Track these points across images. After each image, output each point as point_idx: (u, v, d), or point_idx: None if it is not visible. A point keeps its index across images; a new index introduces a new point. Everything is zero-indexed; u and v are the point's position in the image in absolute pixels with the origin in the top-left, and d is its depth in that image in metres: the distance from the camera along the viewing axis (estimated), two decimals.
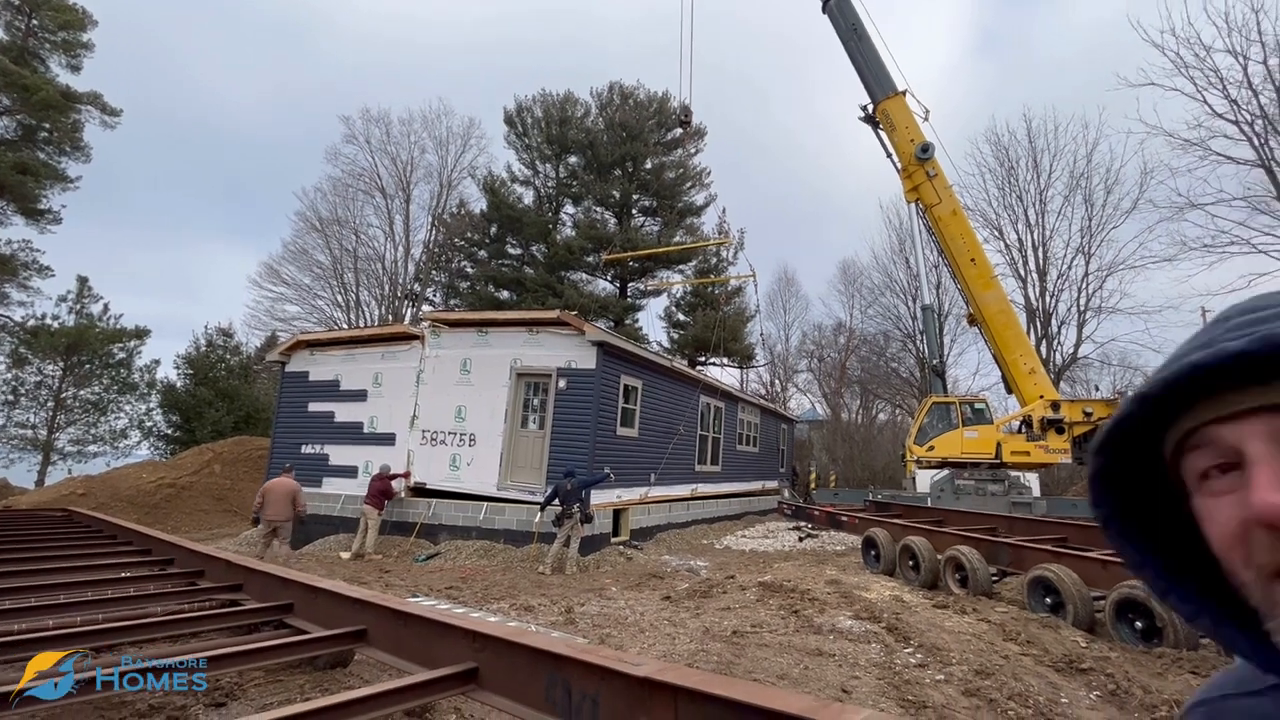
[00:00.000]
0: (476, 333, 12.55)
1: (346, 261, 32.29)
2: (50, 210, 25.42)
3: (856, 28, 16.89)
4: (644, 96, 32.60)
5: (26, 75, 23.62)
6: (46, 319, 24.85)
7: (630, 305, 32.05)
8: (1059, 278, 26.64)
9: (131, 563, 6.51)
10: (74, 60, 25.92)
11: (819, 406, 39.55)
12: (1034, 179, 27.07)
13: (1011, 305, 17.66)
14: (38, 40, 25.21)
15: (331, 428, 13.76)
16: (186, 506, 17.98)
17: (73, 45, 25.74)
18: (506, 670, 2.91)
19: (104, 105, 25.94)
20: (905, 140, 16.43)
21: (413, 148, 33.40)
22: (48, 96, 24.04)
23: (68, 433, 25.29)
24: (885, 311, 33.10)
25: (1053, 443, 14.87)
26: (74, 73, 25.95)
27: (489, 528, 11.34)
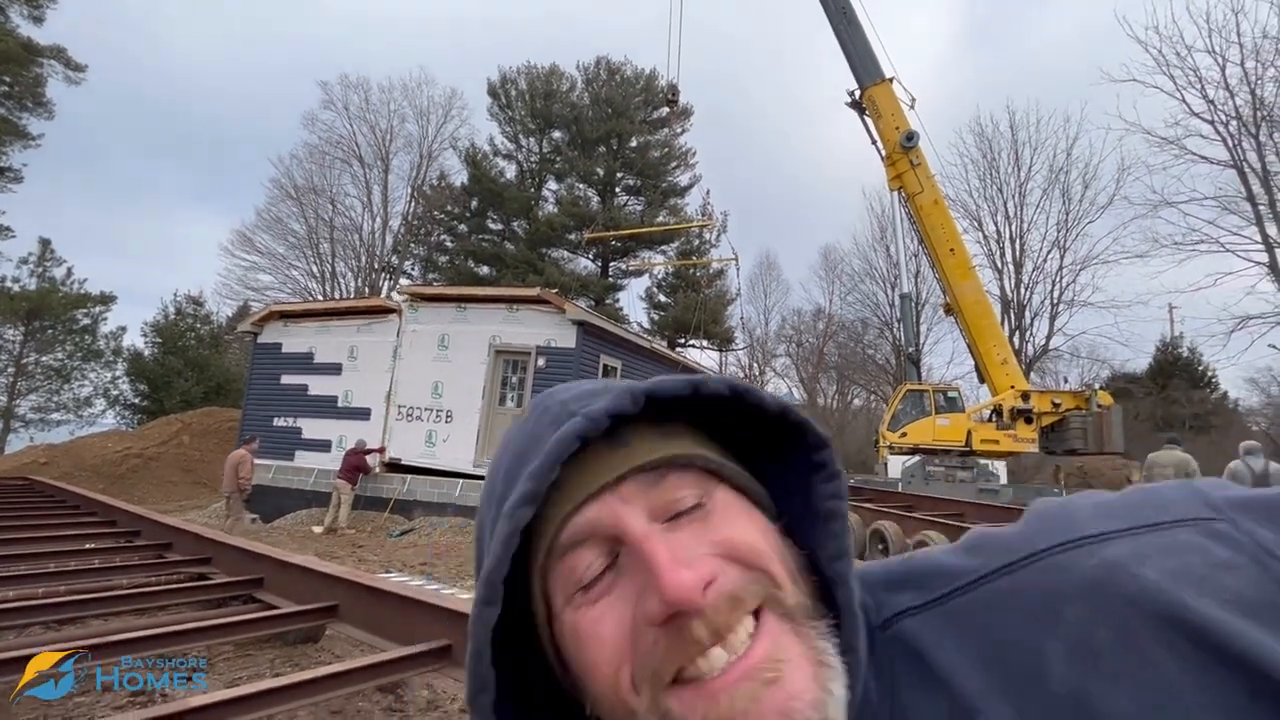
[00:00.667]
0: (455, 308, 12.40)
1: (322, 231, 31.61)
2: (10, 169, 24.38)
3: (846, 11, 16.77)
4: (631, 73, 32.18)
5: None
6: (6, 281, 23.98)
7: (611, 285, 31.94)
8: (1034, 270, 27.13)
9: (96, 534, 6.39)
10: (35, 12, 24.66)
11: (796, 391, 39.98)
12: (1015, 171, 27.39)
13: (988, 296, 17.94)
14: None
15: (305, 401, 13.55)
16: (154, 478, 17.65)
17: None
18: None
19: (68, 60, 24.80)
20: (890, 128, 16.45)
21: (392, 116, 32.64)
22: (8, 49, 22.93)
23: (29, 399, 24.56)
24: (864, 298, 33.44)
25: (1021, 432, 15.23)
26: (36, 24, 24.70)
27: (464, 504, 11.32)
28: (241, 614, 3.96)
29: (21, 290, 23.87)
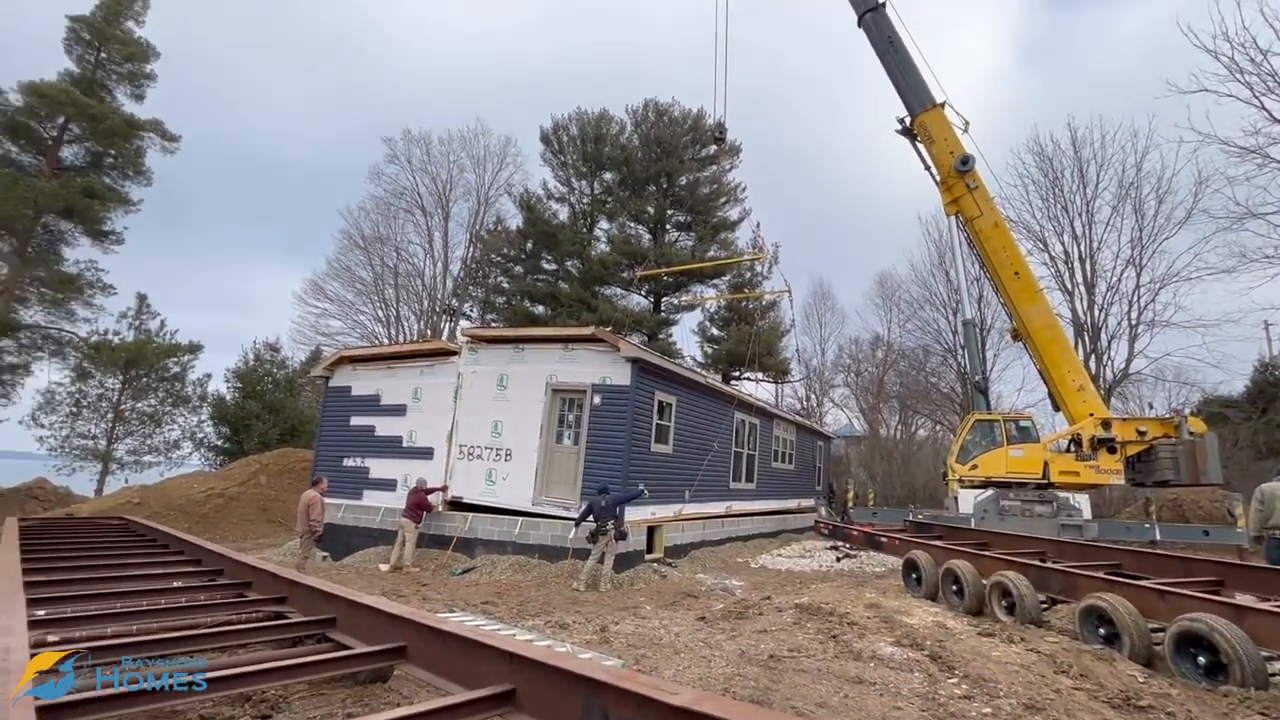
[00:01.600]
0: (513, 349, 12.72)
1: (388, 277, 33.20)
2: (114, 231, 26.83)
3: (893, 40, 16.75)
4: (678, 113, 32.85)
5: (95, 105, 25.07)
6: (108, 335, 26.18)
7: (664, 320, 32.11)
8: (1108, 291, 25.74)
9: (183, 572, 6.74)
10: (138, 90, 27.43)
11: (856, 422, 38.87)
12: (1080, 189, 26.30)
13: (1058, 319, 17.12)
14: (105, 72, 26.75)
15: (372, 441, 14.07)
16: (234, 516, 18.58)
17: (137, 76, 27.24)
18: (543, 693, 2.92)
19: (164, 132, 27.34)
20: (944, 153, 16.16)
21: (452, 167, 34.30)
22: (113, 125, 25.47)
23: (125, 443, 26.46)
24: (924, 325, 32.41)
25: (1104, 463, 14.30)
26: (137, 101, 27.47)
27: (524, 543, 11.42)
28: (315, 653, 4.09)
29: (121, 342, 25.96)
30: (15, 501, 19.52)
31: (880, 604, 7.90)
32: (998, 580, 7.34)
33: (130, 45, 26.80)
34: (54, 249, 26.06)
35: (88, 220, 25.80)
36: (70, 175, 25.46)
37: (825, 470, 26.08)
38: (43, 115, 24.77)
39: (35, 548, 7.48)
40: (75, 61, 26.11)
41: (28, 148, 25.11)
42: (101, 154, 26.46)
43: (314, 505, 10.48)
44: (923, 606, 8.06)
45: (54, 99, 24.25)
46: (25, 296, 25.22)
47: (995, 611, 7.27)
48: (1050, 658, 5.66)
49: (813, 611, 7.28)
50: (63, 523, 11.76)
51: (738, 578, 11.49)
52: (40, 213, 24.13)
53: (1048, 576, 7.36)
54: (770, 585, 10.62)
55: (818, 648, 5.94)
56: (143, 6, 27.55)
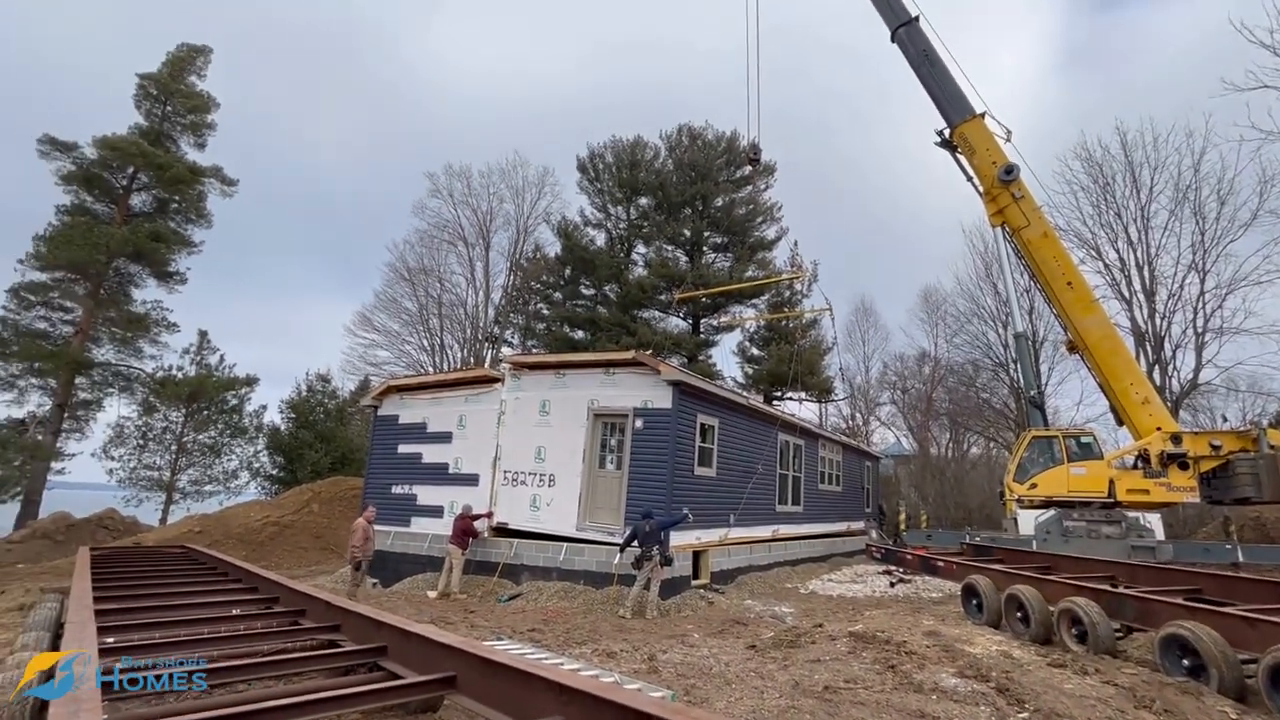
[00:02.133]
0: (554, 375, 12.83)
1: (432, 308, 34.08)
2: (178, 272, 28.38)
3: (928, 53, 16.58)
4: (712, 136, 33.09)
5: (161, 155, 26.74)
6: (172, 370, 27.51)
7: (703, 341, 32.01)
8: (1170, 298, 24.56)
9: (241, 600, 6.93)
10: (199, 139, 29.16)
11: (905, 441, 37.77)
12: (1133, 194, 25.33)
13: (1116, 330, 16.39)
14: (170, 124, 28.54)
15: (419, 468, 14.32)
16: (288, 544, 19.08)
17: (199, 126, 28.99)
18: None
19: (223, 177, 28.94)
20: (986, 163, 15.81)
21: (491, 198, 35.21)
22: (178, 173, 27.08)
23: (187, 474, 27.60)
24: (973, 340, 31.44)
25: (1176, 479, 13.51)
26: (199, 150, 29.20)
27: (569, 569, 11.38)
28: (367, 682, 4.12)
29: (184, 376, 27.25)
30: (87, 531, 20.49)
31: (940, 632, 7.56)
32: (1066, 607, 6.95)
33: (193, 98, 28.58)
34: (124, 290, 27.70)
35: (154, 263, 27.37)
36: (139, 221, 27.10)
37: (874, 492, 25.34)
38: (114, 166, 26.53)
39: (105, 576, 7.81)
40: (144, 115, 27.96)
41: (101, 197, 26.89)
42: (167, 200, 28.12)
43: (355, 533, 10.70)
44: (985, 635, 7.69)
45: (125, 151, 25.96)
46: (98, 336, 26.79)
47: (1065, 640, 6.88)
48: (1130, 691, 5.30)
49: (868, 640, 7.01)
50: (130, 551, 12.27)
51: (787, 604, 11.18)
52: (112, 257, 25.71)
53: (1121, 603, 6.93)
54: (822, 612, 10.29)
55: (875, 679, 5.70)
56: (204, 62, 29.41)
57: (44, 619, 5.69)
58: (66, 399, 25.33)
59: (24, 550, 18.85)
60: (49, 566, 16.81)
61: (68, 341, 25.28)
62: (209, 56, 29.53)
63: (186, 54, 28.97)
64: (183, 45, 29.00)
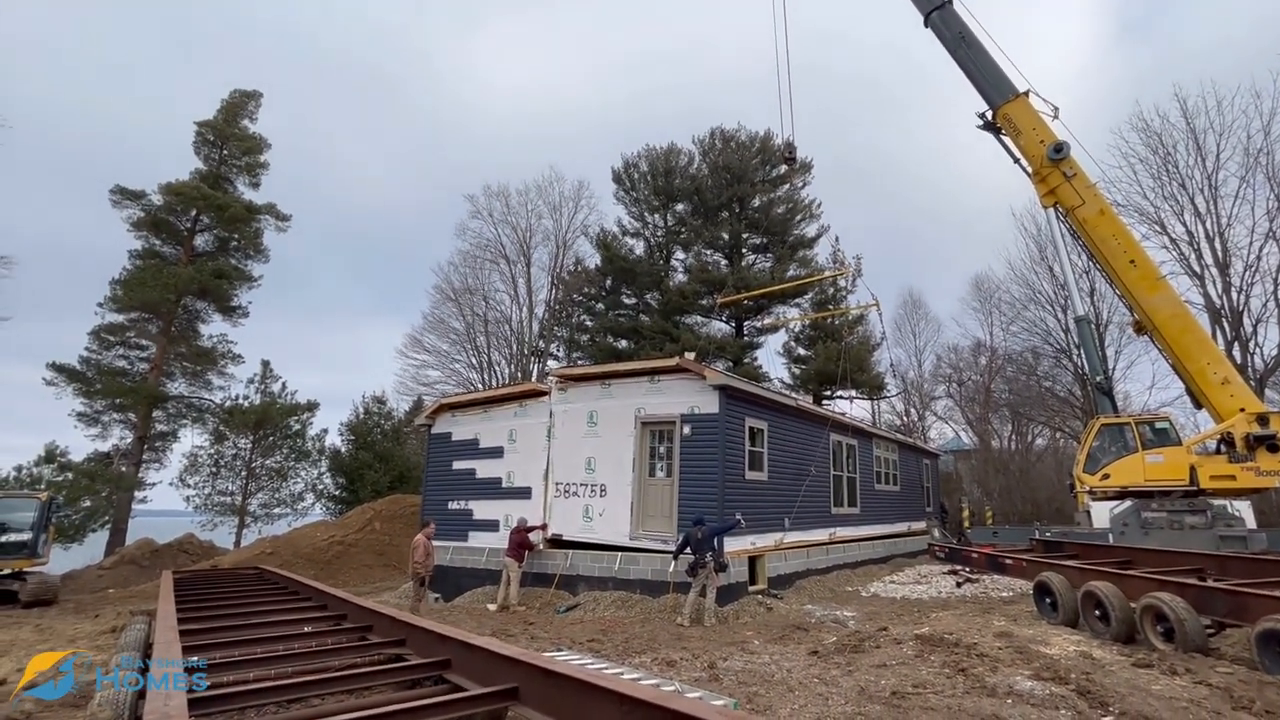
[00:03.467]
0: (600, 385, 12.92)
1: (478, 326, 34.81)
2: (240, 306, 29.83)
3: (964, 35, 16.10)
4: (745, 138, 32.91)
5: (220, 196, 28.23)
6: (239, 399, 28.90)
7: (748, 344, 31.71)
8: (1246, 270, 23.02)
9: (312, 618, 7.18)
10: (254, 179, 30.66)
11: (964, 435, 36.49)
12: (1198, 163, 23.92)
13: (1187, 307, 15.48)
14: (227, 166, 30.12)
15: (473, 484, 14.61)
16: (354, 562, 19.72)
17: (254, 166, 30.49)
18: None
19: (277, 213, 30.32)
20: (1034, 143, 15.22)
21: (530, 215, 35.79)
22: (236, 212, 28.54)
23: (257, 498, 28.86)
24: (1030, 326, 30.17)
25: (1265, 463, 12.61)
26: (254, 189, 30.69)
27: (624, 578, 11.39)
28: (432, 695, 4.21)
29: (250, 405, 28.56)
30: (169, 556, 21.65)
31: (1012, 633, 7.26)
32: (1149, 603, 6.57)
33: (246, 140, 30.10)
34: (192, 326, 29.28)
35: (219, 299, 28.86)
36: (203, 260, 28.64)
37: (934, 490, 24.52)
38: (179, 210, 28.15)
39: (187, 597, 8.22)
40: (203, 160, 29.60)
41: (168, 240, 28.56)
42: (227, 239, 29.66)
43: (416, 549, 10.96)
44: (1061, 634, 7.34)
45: (187, 195, 27.52)
46: (171, 371, 28.38)
47: (1150, 638, 6.50)
48: (1225, 691, 4.97)
49: (936, 643, 6.78)
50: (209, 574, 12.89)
51: (849, 608, 10.92)
52: (180, 296, 27.23)
53: (1211, 597, 6.51)
54: (885, 615, 10.01)
55: (945, 683, 5.51)
56: (255, 106, 30.95)
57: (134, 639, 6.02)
58: (145, 431, 26.89)
59: (114, 576, 20.04)
60: (136, 590, 17.83)
61: (144, 377, 26.86)
62: (259, 100, 31.08)
63: (239, 99, 30.55)
64: (236, 91, 30.61)
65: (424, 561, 11.00)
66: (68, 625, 11.86)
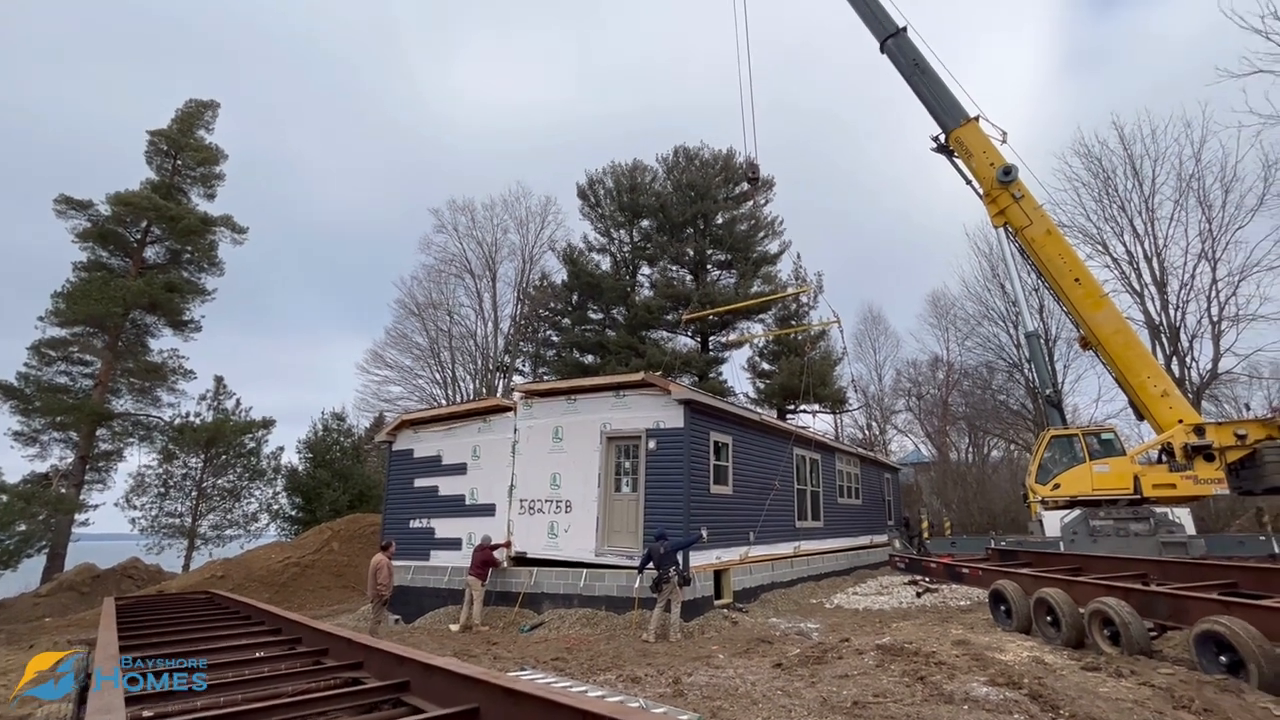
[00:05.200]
0: (566, 400, 12.88)
1: (442, 341, 34.38)
2: (192, 320, 28.85)
3: (918, 62, 16.75)
4: (709, 155, 33.46)
5: (173, 208, 27.38)
6: (190, 417, 27.85)
7: (713, 359, 31.99)
8: (1182, 288, 24.33)
9: (265, 642, 6.93)
10: (209, 190, 29.85)
11: (923, 448, 37.38)
12: (1135, 187, 25.26)
13: (1128, 324, 16.23)
14: (181, 177, 29.26)
15: (436, 501, 14.34)
16: (310, 584, 19.08)
17: (209, 178, 29.70)
18: None
19: (234, 225, 29.52)
20: (984, 165, 15.86)
21: (496, 230, 35.66)
22: (190, 224, 27.70)
23: (208, 519, 27.74)
24: (985, 342, 31.26)
25: (1203, 472, 13.25)
26: (209, 200, 29.87)
27: (589, 595, 11.30)
28: (390, 718, 4.11)
29: (202, 423, 27.55)
30: (112, 581, 20.61)
31: (969, 640, 7.43)
32: (1097, 608, 6.81)
33: (202, 151, 29.32)
34: (141, 341, 28.19)
35: (170, 312, 27.88)
36: (153, 273, 27.68)
37: (896, 503, 24.97)
38: (128, 221, 27.18)
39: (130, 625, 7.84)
40: (155, 170, 28.70)
41: (116, 251, 27.52)
42: (180, 251, 28.72)
43: (380, 570, 10.67)
44: (1016, 641, 7.54)
45: (138, 205, 26.61)
46: (117, 387, 27.22)
47: (1098, 642, 6.73)
48: (1167, 692, 5.18)
49: (896, 652, 6.89)
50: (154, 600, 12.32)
51: (813, 619, 11.02)
52: (128, 309, 26.22)
53: (1153, 601, 6.79)
54: (848, 626, 10.13)
55: (905, 691, 5.60)
56: (212, 116, 30.24)
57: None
58: (88, 451, 25.67)
59: (51, 604, 18.98)
60: (75, 619, 16.91)
61: (88, 394, 25.70)
62: (216, 110, 30.37)
63: (195, 109, 29.81)
64: (191, 101, 29.88)
65: (386, 583, 10.72)
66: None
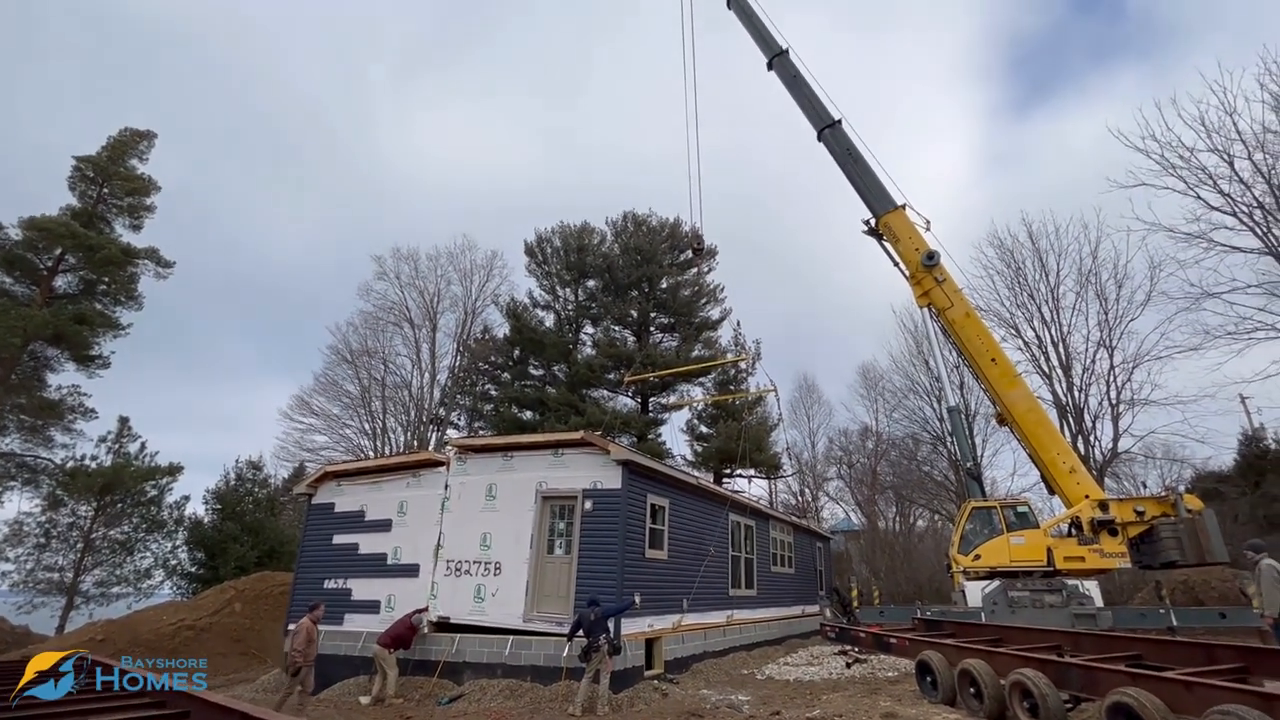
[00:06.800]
0: (501, 457, 12.57)
1: (375, 390, 33.19)
2: (100, 355, 26.85)
3: (851, 151, 18.08)
4: (656, 223, 34.58)
5: (92, 237, 25.91)
6: (85, 459, 25.45)
7: (652, 420, 32.09)
8: (1084, 372, 26.34)
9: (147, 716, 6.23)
10: (136, 221, 28.49)
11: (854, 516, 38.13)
12: (1042, 277, 27.56)
13: (1039, 403, 17.37)
14: (106, 205, 27.87)
15: (355, 560, 13.51)
16: (204, 650, 17.34)
17: (137, 208, 28.40)
18: None
19: (159, 258, 28.12)
20: (910, 249, 17.01)
21: (439, 280, 35.30)
22: (109, 254, 26.20)
23: (93, 574, 25.04)
24: (911, 414, 32.69)
25: (1107, 546, 14.01)
26: (135, 231, 28.45)
27: (515, 664, 10.74)
28: None
29: (98, 467, 25.24)
30: None
31: (896, 713, 7.44)
32: (1016, 679, 6.97)
33: (132, 181, 28.12)
34: (38, 375, 25.96)
35: (75, 346, 25.91)
36: (62, 303, 25.85)
37: (828, 573, 25.16)
38: (40, 247, 25.49)
39: None
40: (78, 197, 27.25)
41: (22, 278, 25.62)
42: (95, 281, 27.00)
43: (298, 634, 9.80)
44: (941, 713, 7.60)
45: (53, 232, 25.06)
46: (4, 424, 24.78)
47: (1018, 714, 6.86)
48: None
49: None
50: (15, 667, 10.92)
51: (744, 691, 10.80)
52: (28, 340, 24.23)
53: (1067, 672, 7.01)
54: (779, 698, 9.97)
55: None
56: (147, 145, 29.19)
57: None
58: None
59: None
60: None
61: None
62: (151, 140, 29.36)
63: (129, 137, 28.75)
64: (125, 129, 28.81)
65: (304, 650, 9.76)
66: None
